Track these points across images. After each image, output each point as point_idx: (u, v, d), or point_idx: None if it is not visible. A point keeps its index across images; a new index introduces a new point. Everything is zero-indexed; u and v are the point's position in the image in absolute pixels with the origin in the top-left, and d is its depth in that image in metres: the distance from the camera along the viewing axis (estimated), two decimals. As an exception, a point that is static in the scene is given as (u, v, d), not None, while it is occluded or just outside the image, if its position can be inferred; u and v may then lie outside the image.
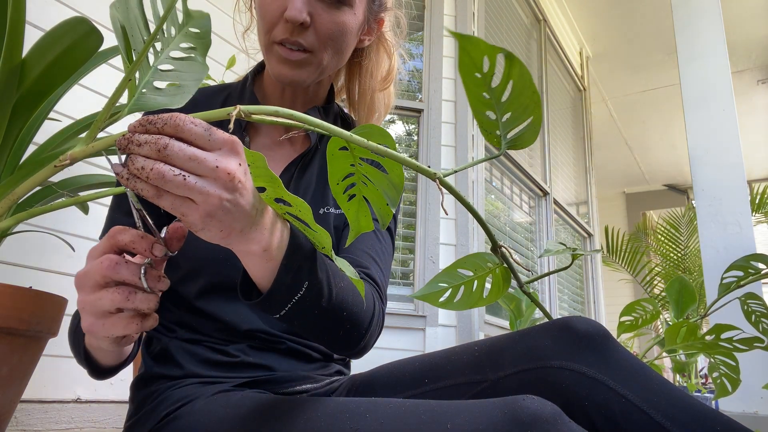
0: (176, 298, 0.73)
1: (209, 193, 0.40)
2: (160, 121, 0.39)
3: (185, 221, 0.41)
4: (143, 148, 0.38)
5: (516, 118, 0.49)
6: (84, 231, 1.55)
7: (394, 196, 0.51)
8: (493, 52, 0.45)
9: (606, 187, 6.50)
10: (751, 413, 1.81)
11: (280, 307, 0.52)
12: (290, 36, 0.70)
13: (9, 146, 0.99)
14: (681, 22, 2.31)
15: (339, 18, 0.72)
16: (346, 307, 0.59)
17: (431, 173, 0.46)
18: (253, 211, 0.44)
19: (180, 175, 0.38)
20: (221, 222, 0.42)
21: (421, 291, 0.56)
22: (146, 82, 0.51)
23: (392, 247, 0.83)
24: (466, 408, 0.48)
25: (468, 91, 0.48)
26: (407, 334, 2.17)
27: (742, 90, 4.43)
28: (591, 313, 3.76)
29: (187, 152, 0.39)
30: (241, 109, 0.43)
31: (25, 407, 1.37)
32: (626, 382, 0.56)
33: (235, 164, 0.41)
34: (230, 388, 0.67)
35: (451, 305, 0.57)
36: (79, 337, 0.62)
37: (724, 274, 1.30)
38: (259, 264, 0.49)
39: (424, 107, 2.46)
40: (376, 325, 0.68)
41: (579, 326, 0.59)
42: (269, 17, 0.71)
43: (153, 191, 0.39)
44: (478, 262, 0.59)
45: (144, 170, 0.38)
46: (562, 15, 3.79)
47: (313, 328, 0.58)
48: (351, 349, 0.65)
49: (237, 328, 0.70)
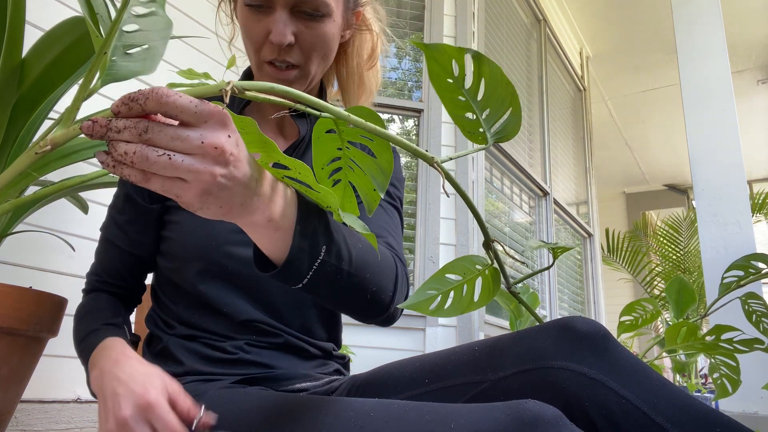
0: (176, 292, 0.74)
1: (199, 170, 0.38)
2: (141, 96, 0.37)
3: (181, 202, 0.41)
4: (123, 134, 0.37)
5: (495, 113, 0.50)
6: (84, 231, 1.55)
7: (383, 181, 0.50)
8: (460, 54, 0.45)
9: (606, 187, 6.50)
10: (751, 413, 1.81)
11: (302, 275, 0.51)
12: (278, 56, 0.72)
13: (9, 146, 0.99)
14: (681, 22, 2.31)
15: (320, 30, 0.73)
16: (368, 268, 0.59)
17: (428, 157, 0.46)
18: (252, 181, 0.43)
19: (165, 155, 0.37)
20: (219, 198, 0.41)
21: (411, 300, 0.55)
22: (114, 48, 0.48)
23: (402, 227, 0.84)
24: (470, 409, 0.49)
25: (442, 97, 0.48)
26: (407, 334, 2.17)
27: (742, 90, 4.42)
28: (591, 313, 3.76)
29: (169, 132, 0.37)
30: (234, 84, 0.41)
31: (25, 407, 1.37)
32: (626, 383, 0.56)
33: (223, 137, 0.39)
34: (230, 385, 0.67)
35: (442, 312, 0.56)
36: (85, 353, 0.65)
37: (724, 274, 1.30)
38: (267, 235, 0.48)
39: (424, 107, 2.46)
40: (401, 286, 0.67)
41: (579, 326, 0.59)
42: (255, 39, 0.73)
43: (140, 175, 0.38)
44: (466, 265, 0.58)
45: (127, 155, 0.37)
46: (562, 15, 3.79)
47: (339, 294, 0.57)
48: (381, 314, 0.65)
49: (235, 318, 0.71)
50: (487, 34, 2.77)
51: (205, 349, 0.70)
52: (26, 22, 0.96)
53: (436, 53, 0.45)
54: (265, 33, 0.72)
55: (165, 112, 0.37)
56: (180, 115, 0.38)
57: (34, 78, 0.95)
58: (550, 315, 3.08)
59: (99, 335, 0.65)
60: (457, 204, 2.33)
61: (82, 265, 1.53)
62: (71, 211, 1.51)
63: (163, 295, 0.76)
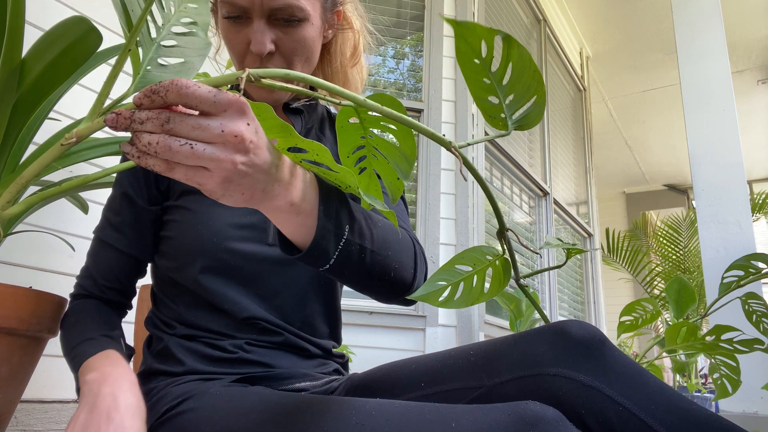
0: (176, 291, 0.74)
1: (220, 158, 0.39)
2: (162, 89, 0.38)
3: (204, 190, 0.42)
4: (146, 125, 0.38)
5: (519, 99, 0.49)
6: (84, 231, 1.55)
7: (406, 168, 0.50)
8: (490, 36, 0.44)
9: (606, 187, 6.51)
10: (751, 413, 1.81)
11: (329, 256, 0.52)
12: (260, 65, 0.73)
13: (9, 146, 0.99)
14: (681, 22, 2.31)
15: (299, 35, 0.74)
16: (390, 246, 0.60)
17: (446, 142, 0.45)
18: (272, 168, 0.44)
19: (187, 144, 0.38)
20: (240, 185, 0.42)
21: (420, 291, 0.55)
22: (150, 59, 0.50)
23: (407, 212, 0.85)
24: (471, 410, 0.49)
25: (467, 78, 0.47)
26: (407, 334, 2.17)
27: (742, 90, 4.43)
28: (591, 313, 3.76)
29: (190, 122, 0.38)
30: (250, 72, 0.42)
31: (25, 407, 1.37)
32: (623, 390, 0.55)
33: (242, 125, 0.40)
34: (230, 383, 0.67)
35: (452, 303, 0.56)
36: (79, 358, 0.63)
37: (724, 274, 1.30)
38: (290, 219, 0.49)
39: (424, 107, 2.46)
40: (420, 263, 0.68)
41: (574, 332, 0.59)
42: (237, 50, 0.73)
43: (164, 165, 0.39)
44: (476, 256, 0.57)
45: (151, 145, 0.38)
46: (562, 15, 3.79)
47: (364, 273, 0.58)
48: (405, 292, 0.66)
49: (235, 316, 0.71)
50: (487, 34, 2.76)
51: (205, 349, 0.70)
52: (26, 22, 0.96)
53: (466, 32, 0.43)
54: (246, 43, 0.72)
55: (185, 103, 0.39)
56: (200, 105, 0.39)
57: (34, 78, 0.95)
58: (549, 315, 3.08)
59: (96, 345, 0.64)
60: (457, 204, 2.33)
61: (82, 265, 1.54)
62: (71, 211, 1.52)
63: (163, 296, 0.76)
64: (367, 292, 0.63)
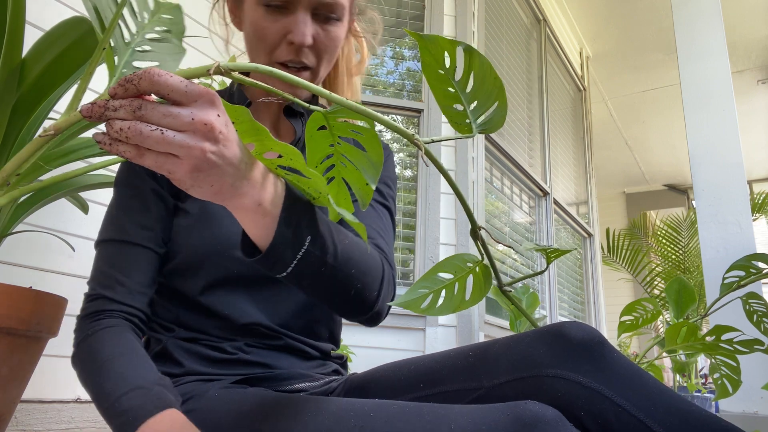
0: (175, 295, 0.73)
1: (189, 145, 0.40)
2: (135, 77, 0.39)
3: (173, 179, 0.42)
4: (119, 112, 0.39)
5: (482, 105, 0.52)
6: (84, 231, 1.55)
7: (374, 173, 0.51)
8: (452, 47, 0.47)
9: (606, 187, 6.50)
10: (751, 413, 1.81)
11: (286, 264, 0.52)
12: (295, 57, 0.72)
13: (9, 146, 0.99)
14: (681, 22, 2.31)
15: (334, 33, 0.75)
16: (353, 264, 0.59)
17: (409, 135, 0.47)
18: (242, 164, 0.45)
19: (157, 130, 0.39)
20: (210, 176, 0.43)
21: (402, 298, 0.55)
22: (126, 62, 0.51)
23: (393, 227, 0.84)
24: (470, 410, 0.49)
25: (433, 87, 0.50)
26: (407, 334, 2.17)
27: (742, 90, 4.42)
28: (591, 313, 3.76)
29: (161, 109, 0.40)
30: (220, 64, 0.43)
31: (25, 407, 1.37)
32: (623, 391, 0.55)
33: (213, 115, 0.41)
34: (229, 384, 0.67)
35: (434, 311, 0.56)
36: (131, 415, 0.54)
37: (725, 274, 1.30)
38: (255, 219, 0.50)
39: (424, 107, 2.46)
40: (387, 287, 0.67)
41: (573, 333, 0.58)
42: (269, 39, 0.72)
43: (135, 151, 0.40)
44: (457, 263, 0.59)
45: (122, 131, 0.39)
46: (562, 15, 3.79)
47: (323, 287, 0.58)
48: (365, 313, 0.65)
49: (235, 322, 0.70)
50: (487, 34, 2.77)
51: (205, 350, 0.70)
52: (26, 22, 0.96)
53: (429, 44, 0.46)
54: (282, 33, 0.71)
55: (157, 92, 0.40)
56: (171, 94, 0.40)
57: (34, 78, 0.95)
58: (550, 315, 3.08)
59: (152, 399, 0.55)
60: (457, 204, 2.33)
61: (82, 265, 1.53)
62: (71, 211, 1.51)
63: (161, 299, 0.74)
64: (327, 306, 0.62)
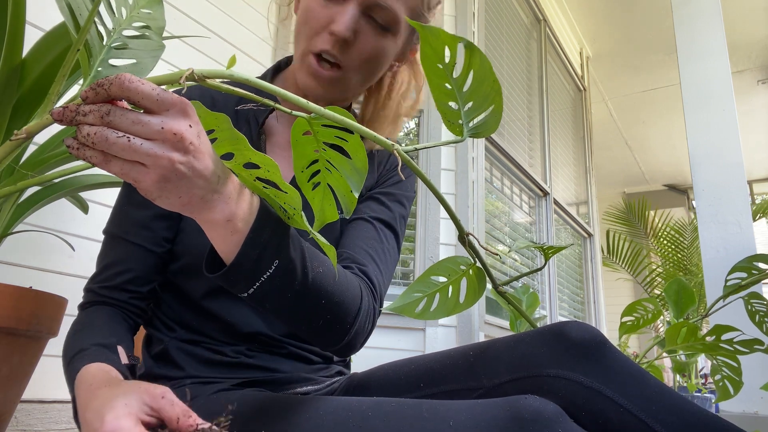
0: (180, 295, 0.72)
1: (157, 154, 0.39)
2: (106, 82, 0.38)
3: (140, 189, 0.41)
4: (88, 117, 0.38)
5: (477, 107, 0.50)
6: (84, 231, 1.55)
7: (358, 181, 0.50)
8: (453, 42, 0.46)
9: (606, 187, 6.50)
10: (752, 413, 1.81)
11: (248, 285, 0.50)
12: (330, 48, 0.69)
13: (9, 146, 0.99)
14: (681, 22, 2.31)
15: (381, 43, 0.71)
16: (324, 295, 0.57)
17: (388, 144, 0.46)
18: (214, 177, 0.43)
19: (124, 137, 0.38)
20: (178, 188, 0.41)
21: (396, 303, 0.54)
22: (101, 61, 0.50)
23: (397, 249, 0.79)
24: (468, 407, 0.49)
25: (431, 82, 0.49)
26: (407, 334, 2.17)
27: (742, 90, 4.42)
28: (591, 314, 3.76)
29: (131, 116, 0.38)
30: (194, 71, 0.41)
31: (25, 407, 1.37)
32: (623, 391, 0.55)
33: (184, 125, 0.40)
34: (230, 387, 0.67)
35: (428, 314, 0.55)
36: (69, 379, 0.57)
37: (728, 276, 1.30)
38: (223, 235, 0.48)
39: (424, 107, 2.46)
40: (364, 322, 0.64)
41: (574, 333, 0.58)
42: (314, 24, 0.70)
43: (101, 157, 0.39)
44: (450, 266, 0.58)
45: (89, 137, 0.38)
46: (562, 15, 3.78)
47: (287, 313, 0.55)
48: (333, 345, 0.62)
49: (239, 330, 0.70)
50: (487, 34, 2.76)
51: (206, 353, 0.70)
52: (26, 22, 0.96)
53: (430, 36, 0.45)
54: (327, 21, 0.69)
55: (128, 98, 0.39)
56: (142, 101, 0.39)
57: (34, 78, 0.95)
58: (549, 315, 3.08)
59: (84, 359, 0.57)
60: (456, 204, 2.33)
61: (82, 265, 1.53)
62: (71, 211, 1.51)
63: (166, 296, 0.74)
64: (291, 329, 0.59)
